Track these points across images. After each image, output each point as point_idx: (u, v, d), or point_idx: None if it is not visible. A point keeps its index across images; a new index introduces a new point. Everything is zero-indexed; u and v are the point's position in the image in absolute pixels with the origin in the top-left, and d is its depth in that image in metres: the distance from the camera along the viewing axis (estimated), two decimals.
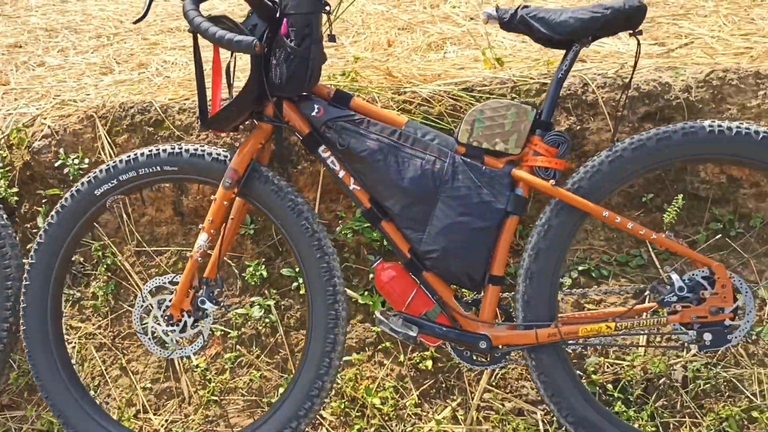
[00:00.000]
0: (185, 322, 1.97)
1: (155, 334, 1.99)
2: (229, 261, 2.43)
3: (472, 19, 3.27)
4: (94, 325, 2.45)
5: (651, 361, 2.06)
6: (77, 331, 2.44)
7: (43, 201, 2.53)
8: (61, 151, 2.53)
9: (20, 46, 3.78)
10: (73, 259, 2.38)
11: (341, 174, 1.90)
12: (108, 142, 2.52)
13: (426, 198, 1.84)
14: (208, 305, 1.95)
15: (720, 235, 2.23)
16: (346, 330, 1.94)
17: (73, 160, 2.52)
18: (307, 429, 1.95)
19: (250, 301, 2.35)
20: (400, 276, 1.90)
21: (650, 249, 2.27)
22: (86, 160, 2.52)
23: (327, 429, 2.13)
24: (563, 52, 1.86)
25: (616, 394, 2.05)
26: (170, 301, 1.96)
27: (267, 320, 2.32)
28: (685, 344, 1.81)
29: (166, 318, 1.97)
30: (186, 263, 1.98)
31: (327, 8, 1.84)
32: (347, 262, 2.32)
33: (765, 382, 2.03)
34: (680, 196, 2.13)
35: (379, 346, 2.24)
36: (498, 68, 2.51)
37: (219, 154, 1.95)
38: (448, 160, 1.84)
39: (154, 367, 2.33)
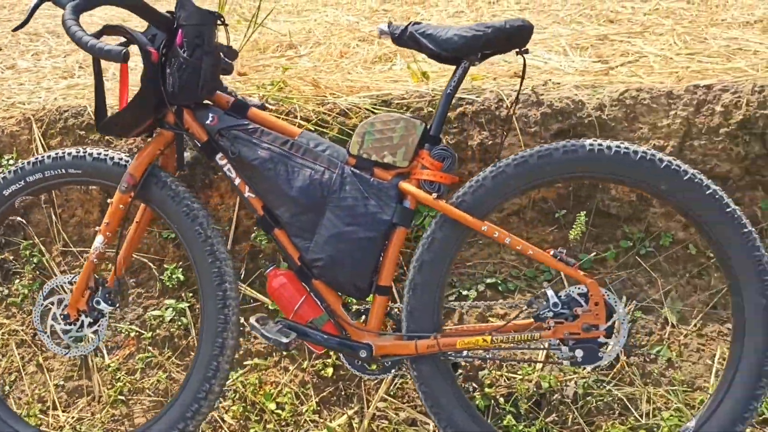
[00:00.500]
0: (82, 321, 2.02)
1: (54, 332, 2.04)
2: (151, 264, 2.48)
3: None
4: (18, 321, 2.51)
5: (542, 376, 2.07)
6: (2, 327, 2.51)
7: None
8: None
9: (0, 50, 3.88)
10: None
11: (237, 182, 1.94)
12: (42, 144, 2.59)
13: (314, 207, 1.87)
14: (103, 306, 2.00)
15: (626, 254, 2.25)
16: (236, 335, 1.97)
17: (7, 160, 2.59)
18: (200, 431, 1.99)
19: (165, 303, 2.39)
20: (291, 283, 1.93)
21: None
22: (20, 161, 2.59)
23: (226, 431, 2.16)
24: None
25: (507, 408, 2.06)
26: (68, 300, 2.01)
27: (180, 323, 2.36)
28: (561, 360, 1.82)
29: (63, 317, 2.02)
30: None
31: (220, 21, 1.89)
32: (262, 269, 2.36)
33: (655, 401, 2.03)
34: (583, 213, 2.15)
35: (285, 353, 2.27)
36: (424, 82, 2.55)
37: (120, 159, 2.00)
38: (337, 171, 1.88)
39: (69, 366, 2.38)
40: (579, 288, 1.79)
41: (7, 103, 2.93)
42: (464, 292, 2.25)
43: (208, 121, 1.92)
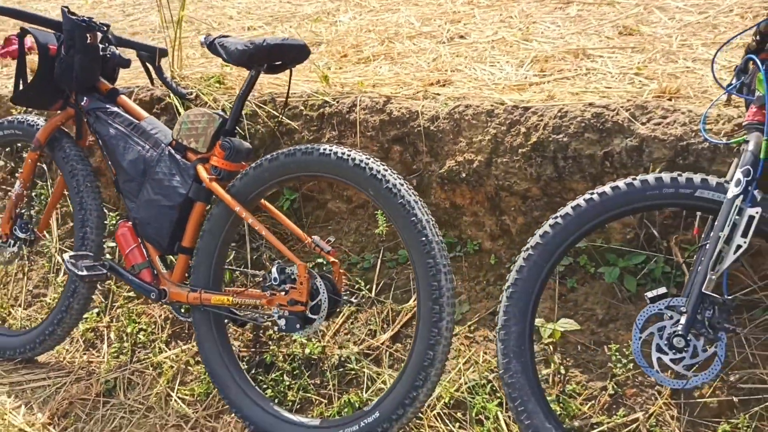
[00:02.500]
0: (10, 241, 2.75)
1: None
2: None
3: (449, 39, 3.59)
4: None
5: (310, 345, 2.40)
6: None
7: None
8: None
9: None
10: None
11: (103, 151, 2.53)
12: None
13: (138, 177, 2.39)
14: (18, 232, 2.71)
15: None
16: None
17: None
18: None
19: None
20: (129, 233, 2.46)
21: (380, 256, 2.55)
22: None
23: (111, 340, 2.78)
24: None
25: (284, 366, 2.42)
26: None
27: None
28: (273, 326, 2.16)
29: None
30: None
31: (93, 25, 2.46)
32: None
33: (378, 380, 2.27)
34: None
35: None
36: (325, 84, 2.91)
37: (35, 124, 2.68)
38: (158, 151, 2.38)
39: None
40: (293, 269, 2.11)
41: None
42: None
43: (82, 103, 2.52)
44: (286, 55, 2.19)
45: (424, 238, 1.95)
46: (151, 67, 2.70)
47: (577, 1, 3.85)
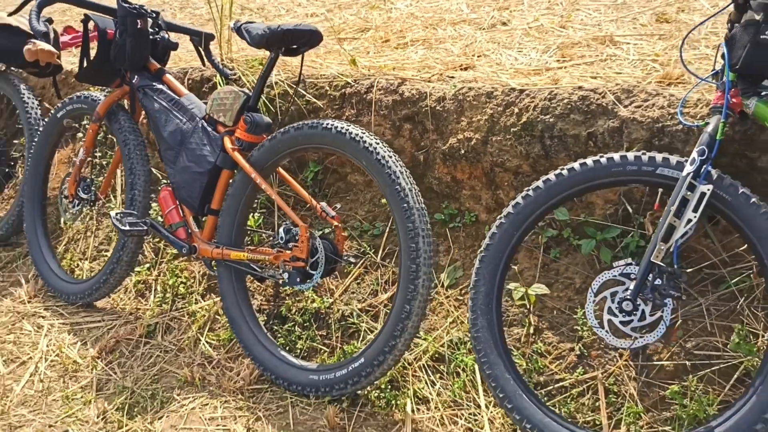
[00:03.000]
0: (75, 201, 3.16)
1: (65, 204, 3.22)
2: None
3: (491, 25, 3.77)
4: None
5: (318, 299, 2.67)
6: None
7: None
8: None
9: None
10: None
11: (149, 124, 2.88)
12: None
13: (176, 146, 2.73)
14: (82, 194, 3.11)
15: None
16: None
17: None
18: None
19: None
20: (169, 197, 2.81)
21: (389, 225, 2.79)
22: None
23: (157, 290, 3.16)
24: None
25: (296, 318, 2.71)
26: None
27: None
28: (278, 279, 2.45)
29: (66, 196, 3.17)
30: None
31: (144, 12, 2.80)
32: None
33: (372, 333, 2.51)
34: None
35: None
36: (353, 67, 3.16)
37: (97, 99, 3.07)
38: (193, 124, 2.70)
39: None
40: (296, 230, 2.39)
41: None
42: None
43: (134, 81, 2.88)
44: (298, 40, 2.46)
45: (405, 205, 2.19)
46: (201, 50, 3.04)
47: None
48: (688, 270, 2.18)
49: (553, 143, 2.40)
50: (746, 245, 2.04)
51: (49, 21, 3.49)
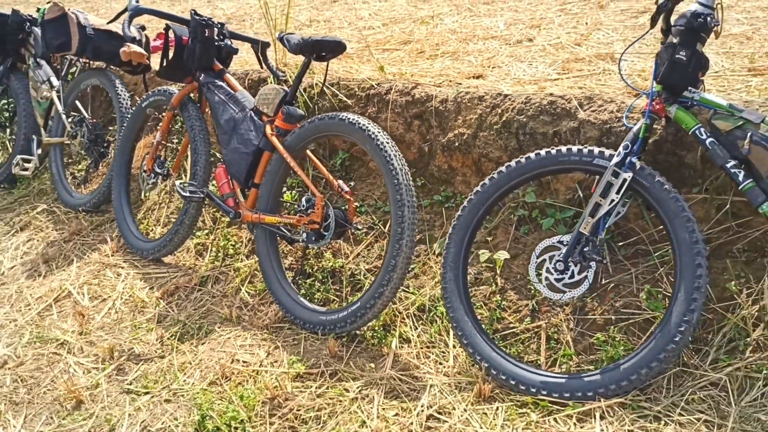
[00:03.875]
0: (152, 174, 3.88)
1: (143, 177, 3.95)
2: None
3: (517, 41, 4.31)
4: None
5: (335, 261, 3.28)
6: None
7: None
8: None
9: None
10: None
11: (211, 113, 3.56)
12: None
13: (229, 131, 3.40)
14: (157, 169, 3.83)
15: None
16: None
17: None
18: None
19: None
20: (222, 172, 3.47)
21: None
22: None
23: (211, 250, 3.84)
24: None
25: (317, 275, 3.32)
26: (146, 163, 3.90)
27: None
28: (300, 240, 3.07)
29: (145, 170, 3.90)
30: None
31: (211, 23, 3.49)
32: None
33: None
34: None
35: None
36: (382, 72, 3.76)
37: (173, 92, 3.78)
38: (244, 114, 3.37)
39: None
40: (314, 199, 3.00)
41: None
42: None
43: (201, 78, 3.57)
44: (325, 49, 3.08)
45: (395, 181, 2.76)
46: (259, 56, 3.72)
47: (650, 11, 4.37)
48: (621, 244, 2.68)
49: (526, 139, 2.93)
50: (661, 225, 2.52)
51: (142, 28, 4.26)
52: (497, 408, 2.43)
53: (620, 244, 2.71)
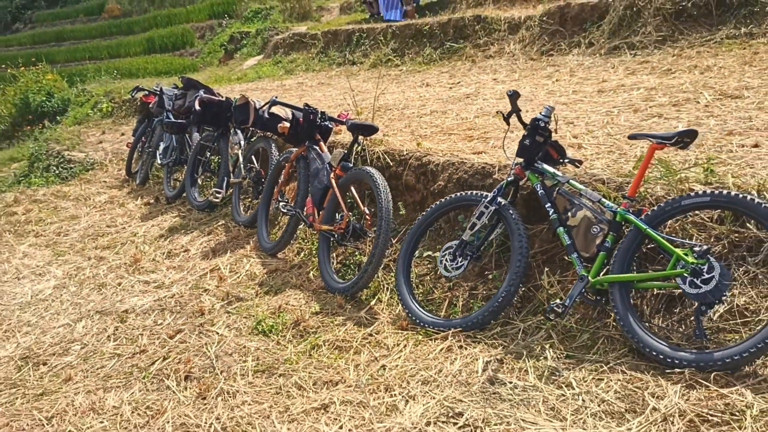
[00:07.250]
0: (280, 203, 6.22)
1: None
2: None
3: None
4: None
5: (358, 254, 5.31)
6: None
7: None
8: None
9: None
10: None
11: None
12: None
13: (314, 176, 5.62)
14: (279, 198, 6.17)
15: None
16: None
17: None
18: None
19: None
20: (309, 201, 5.69)
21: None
22: None
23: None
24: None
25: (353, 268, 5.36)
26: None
27: None
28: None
29: (275, 199, 6.24)
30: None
31: (314, 111, 5.79)
32: None
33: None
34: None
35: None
36: (418, 146, 5.78)
37: (292, 152, 6.11)
38: (323, 165, 5.59)
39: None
40: (343, 214, 5.09)
41: None
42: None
43: (307, 144, 5.86)
44: (364, 130, 5.21)
45: (380, 205, 4.76)
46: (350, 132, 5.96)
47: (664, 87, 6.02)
48: (489, 248, 4.46)
49: (467, 189, 4.80)
50: (510, 237, 4.27)
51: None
52: (407, 334, 4.30)
53: (490, 248, 4.48)
